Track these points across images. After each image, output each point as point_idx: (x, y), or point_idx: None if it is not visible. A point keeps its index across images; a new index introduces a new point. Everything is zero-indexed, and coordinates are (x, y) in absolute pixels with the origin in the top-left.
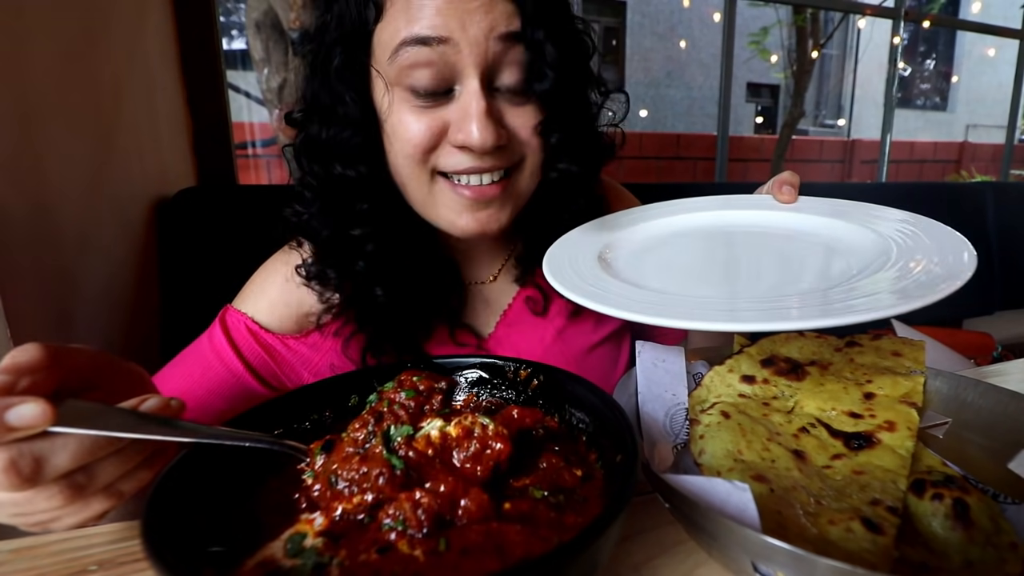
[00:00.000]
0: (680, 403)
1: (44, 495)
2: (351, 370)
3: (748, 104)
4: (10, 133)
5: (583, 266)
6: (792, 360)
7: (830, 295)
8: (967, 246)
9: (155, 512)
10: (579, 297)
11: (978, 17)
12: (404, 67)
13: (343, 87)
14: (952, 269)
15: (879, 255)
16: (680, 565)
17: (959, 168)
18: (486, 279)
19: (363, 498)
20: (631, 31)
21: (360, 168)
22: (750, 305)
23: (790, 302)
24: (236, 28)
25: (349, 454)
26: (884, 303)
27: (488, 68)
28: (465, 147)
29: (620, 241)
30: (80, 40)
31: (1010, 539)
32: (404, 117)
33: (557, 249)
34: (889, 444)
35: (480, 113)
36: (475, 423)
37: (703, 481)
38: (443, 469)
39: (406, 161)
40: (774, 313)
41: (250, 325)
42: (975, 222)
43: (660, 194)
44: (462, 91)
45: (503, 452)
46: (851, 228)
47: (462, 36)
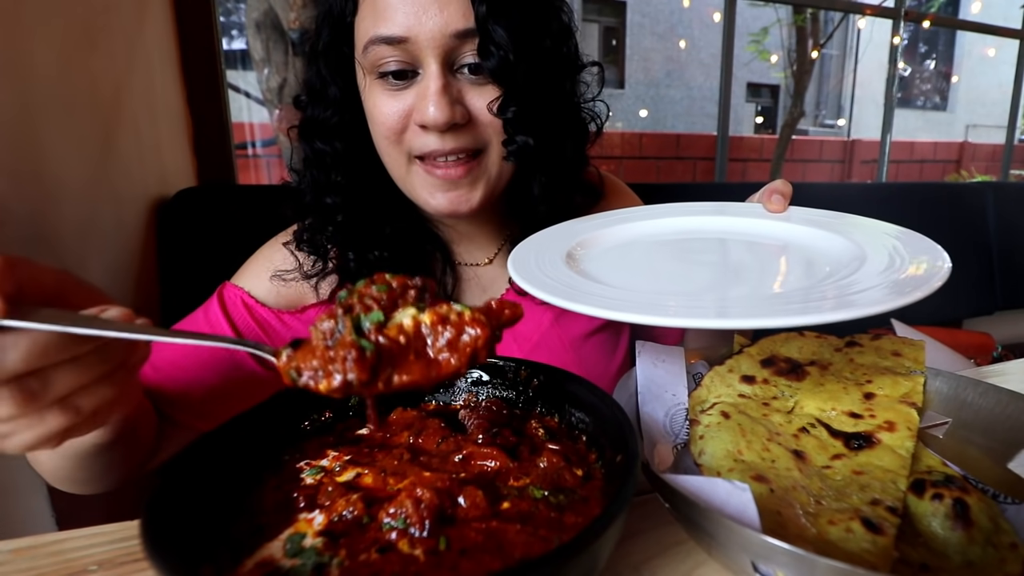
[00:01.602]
0: (680, 403)
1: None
2: None
3: (748, 104)
4: (10, 133)
5: (548, 264)
6: (792, 360)
7: (796, 295)
8: (943, 256)
9: (155, 512)
10: (539, 291)
11: (978, 17)
12: (373, 60)
13: (328, 71)
14: (926, 278)
15: (853, 261)
16: (680, 565)
17: (959, 168)
18: (481, 262)
19: (330, 382)
20: (631, 31)
21: (336, 144)
22: (715, 303)
23: (764, 302)
24: (236, 28)
25: (316, 345)
26: (832, 305)
27: (447, 55)
28: (424, 126)
29: (592, 242)
30: (80, 40)
31: (1010, 539)
32: (377, 100)
33: (524, 248)
34: (889, 444)
35: (435, 92)
36: (450, 311)
37: (703, 481)
38: (416, 359)
39: (384, 142)
40: (741, 311)
41: (246, 299)
42: (975, 222)
43: (660, 194)
44: (424, 74)
45: (480, 338)
46: (834, 239)
47: (420, 32)
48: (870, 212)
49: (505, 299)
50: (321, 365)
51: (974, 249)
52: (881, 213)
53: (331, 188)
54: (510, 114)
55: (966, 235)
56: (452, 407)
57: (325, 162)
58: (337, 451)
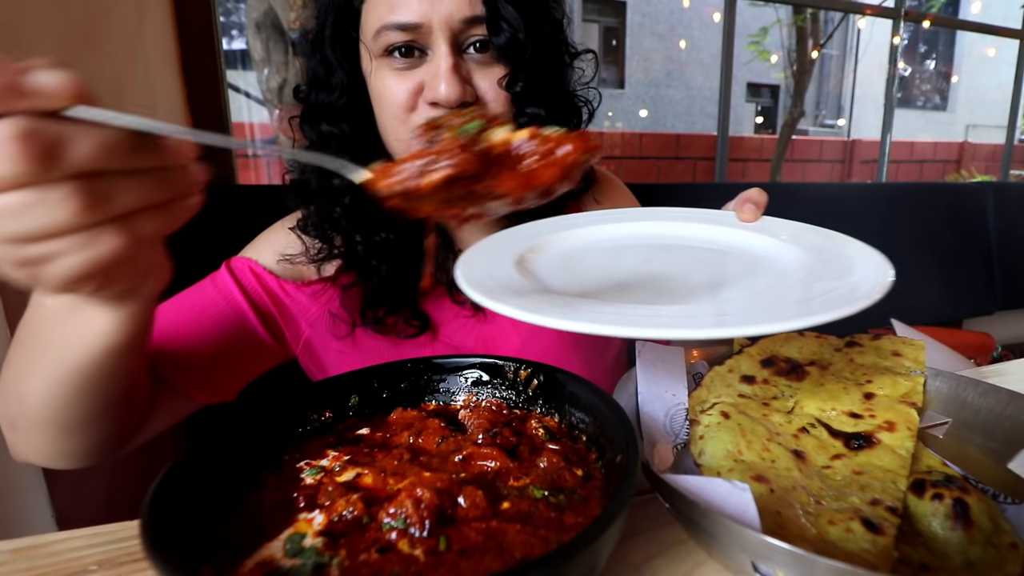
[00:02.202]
0: (680, 403)
1: (55, 196)
2: (345, 364)
3: (748, 104)
4: None
5: (498, 268)
6: (792, 360)
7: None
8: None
9: (155, 512)
10: (481, 298)
11: (978, 17)
12: (383, 44)
13: (334, 56)
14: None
15: (799, 272)
16: (680, 565)
17: (959, 168)
18: None
19: (433, 177)
20: (631, 31)
21: (343, 126)
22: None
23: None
24: (236, 28)
25: (416, 153)
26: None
27: (456, 37)
28: (436, 104)
29: (545, 246)
30: (80, 40)
31: (1010, 539)
32: (386, 80)
33: (472, 253)
34: (889, 444)
35: (446, 70)
36: (542, 130)
37: (703, 481)
38: (512, 172)
39: (391, 121)
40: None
41: (255, 268)
42: (975, 222)
43: (660, 194)
44: (433, 54)
45: (574, 152)
46: (793, 251)
47: (433, 17)
48: (870, 212)
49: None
50: (424, 162)
51: (974, 249)
52: (881, 213)
53: (335, 172)
54: (518, 88)
55: (966, 235)
56: (452, 407)
57: (331, 146)
58: (337, 451)
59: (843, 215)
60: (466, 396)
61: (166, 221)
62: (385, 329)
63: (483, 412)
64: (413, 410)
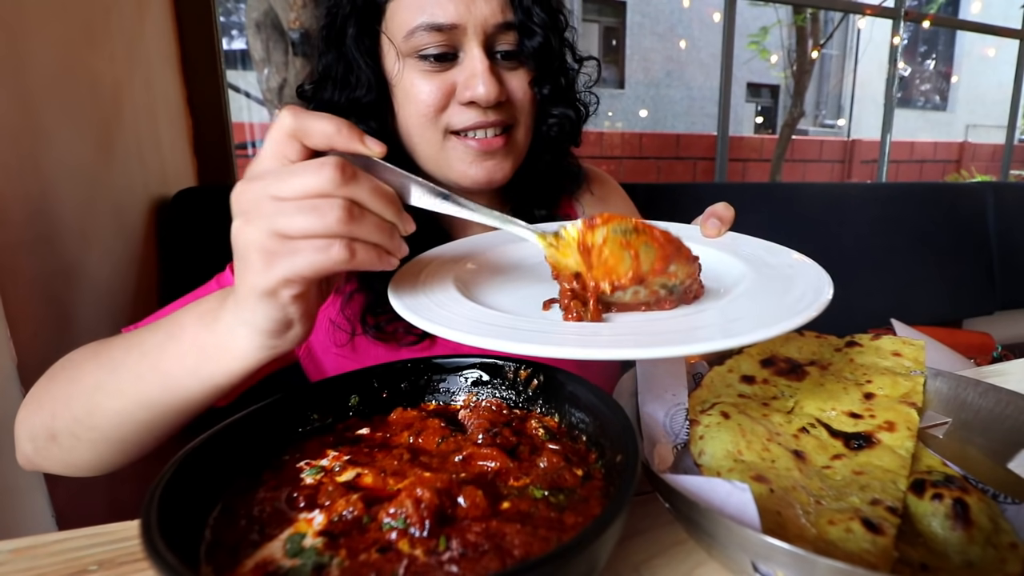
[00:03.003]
0: (680, 403)
1: (332, 204)
2: (346, 367)
3: (748, 104)
4: (10, 133)
5: (433, 285)
6: (792, 360)
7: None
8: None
9: (155, 512)
10: (414, 318)
11: (978, 17)
12: (417, 44)
13: (358, 54)
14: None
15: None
16: (680, 565)
17: (959, 168)
18: None
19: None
20: (631, 31)
21: (371, 124)
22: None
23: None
24: (236, 28)
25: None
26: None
27: (489, 41)
28: (472, 103)
29: (486, 262)
30: (80, 40)
31: (1010, 539)
32: (415, 81)
33: (405, 271)
34: (889, 444)
35: (485, 71)
36: None
37: (703, 481)
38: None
39: (419, 120)
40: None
41: None
42: (975, 222)
43: (660, 194)
44: (466, 56)
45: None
46: (740, 266)
47: (468, 19)
48: (870, 212)
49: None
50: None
51: (974, 249)
52: (881, 213)
53: None
54: (547, 90)
55: (966, 235)
56: (452, 407)
57: None
58: (337, 451)
59: (843, 215)
60: (466, 396)
61: (374, 260)
62: (385, 337)
63: (483, 412)
64: (413, 410)
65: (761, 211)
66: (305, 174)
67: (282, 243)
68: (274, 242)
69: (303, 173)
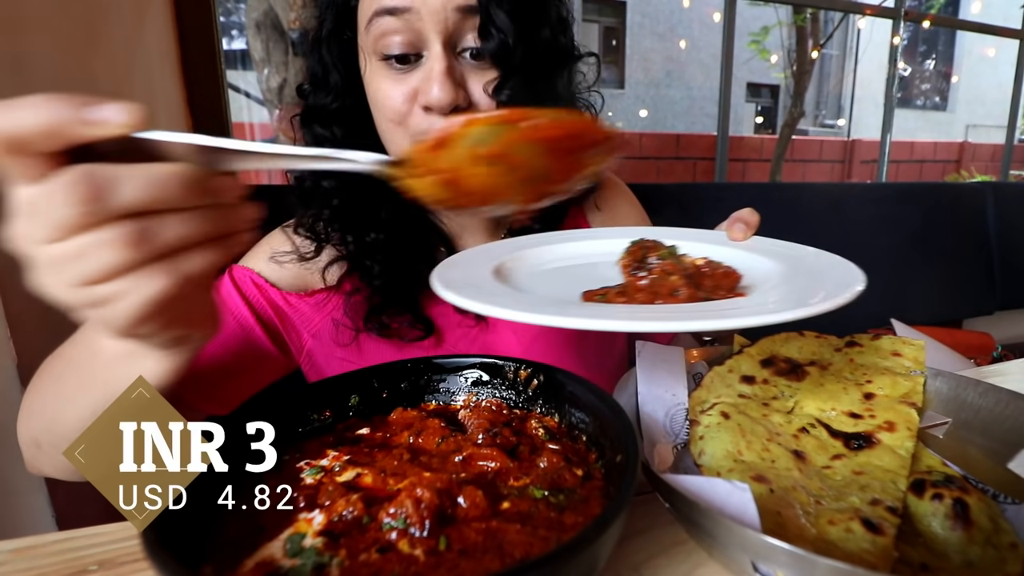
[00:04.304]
0: (680, 403)
1: (104, 237)
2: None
3: (748, 104)
4: None
5: (478, 277)
6: (792, 360)
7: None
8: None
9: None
10: (465, 301)
11: (978, 17)
12: (377, 36)
13: (329, 57)
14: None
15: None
16: (680, 565)
17: (959, 168)
18: None
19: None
20: (631, 31)
21: (334, 130)
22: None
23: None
24: (236, 28)
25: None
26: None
27: (450, 34)
28: (429, 108)
29: (524, 259)
30: (80, 40)
31: (1010, 539)
32: (381, 84)
33: (449, 265)
34: (889, 444)
35: (439, 73)
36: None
37: (703, 481)
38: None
39: (387, 126)
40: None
41: (256, 279)
42: (975, 222)
43: (660, 194)
44: (427, 56)
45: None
46: (779, 269)
47: (422, 5)
48: (870, 212)
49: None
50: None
51: (974, 249)
52: (881, 213)
53: (328, 173)
54: (504, 96)
55: (966, 235)
56: (452, 407)
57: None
58: (337, 451)
59: (843, 215)
60: (466, 396)
61: (214, 258)
62: (389, 333)
63: (483, 412)
64: (413, 410)
65: (761, 211)
66: (47, 210)
67: (87, 293)
68: (77, 295)
69: (41, 209)
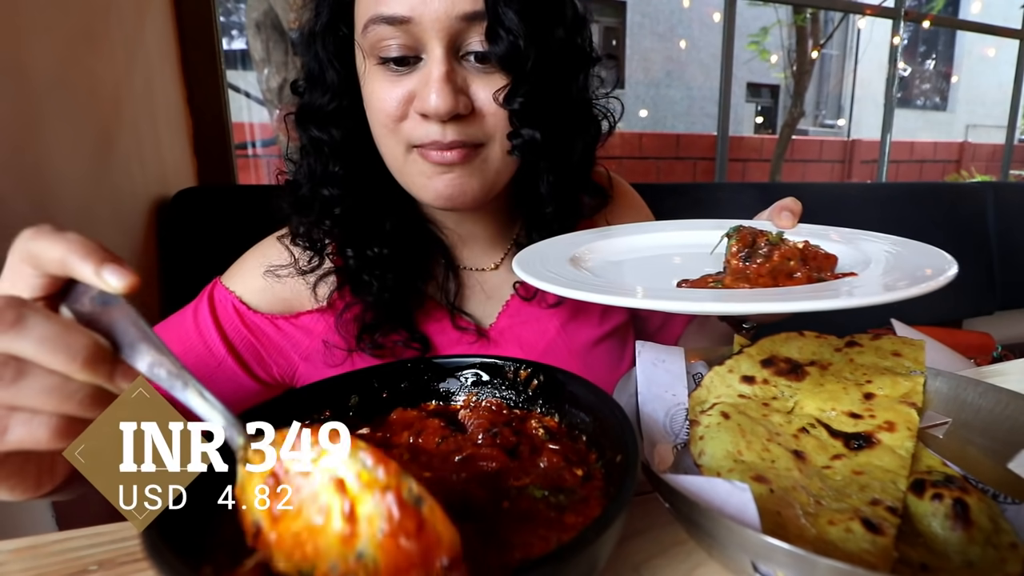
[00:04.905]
0: (680, 403)
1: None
2: (344, 365)
3: (748, 104)
4: (10, 133)
5: (554, 264)
6: (792, 360)
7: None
8: (948, 260)
9: None
10: (545, 284)
11: (978, 17)
12: (373, 41)
13: (325, 54)
14: (934, 275)
15: (857, 265)
16: (680, 565)
17: (959, 168)
18: (487, 267)
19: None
20: (631, 31)
21: (332, 132)
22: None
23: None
24: (236, 28)
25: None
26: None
27: (453, 39)
28: (426, 115)
29: (598, 248)
30: (80, 40)
31: (1010, 539)
32: (376, 86)
33: (528, 252)
34: (889, 444)
35: (438, 79)
36: None
37: (703, 481)
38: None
39: (381, 131)
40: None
41: (237, 305)
42: (975, 222)
43: (660, 194)
44: (427, 60)
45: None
46: (840, 248)
47: (424, 13)
48: (870, 212)
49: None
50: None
51: (974, 249)
52: (881, 213)
53: (328, 179)
54: (517, 105)
55: (966, 235)
56: (452, 407)
57: (323, 151)
58: None
59: (843, 215)
60: (466, 396)
61: (41, 436)
62: (383, 352)
63: (483, 412)
64: (413, 410)
65: (761, 211)
66: None
67: None
68: None
69: None
